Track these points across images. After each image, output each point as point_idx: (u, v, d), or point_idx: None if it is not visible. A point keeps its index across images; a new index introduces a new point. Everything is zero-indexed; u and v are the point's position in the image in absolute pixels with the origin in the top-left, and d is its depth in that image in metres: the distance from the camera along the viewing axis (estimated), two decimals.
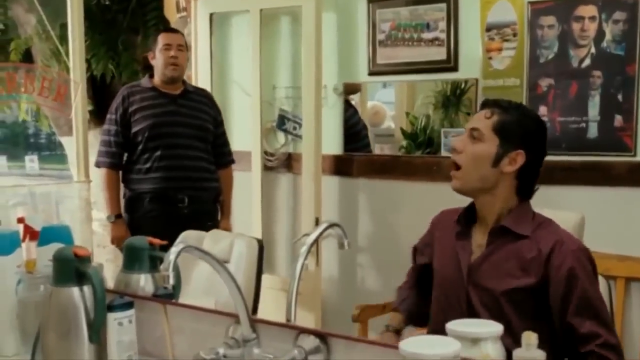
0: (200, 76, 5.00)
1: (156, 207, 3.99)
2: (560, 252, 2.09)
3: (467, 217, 2.30)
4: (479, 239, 2.25)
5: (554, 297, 2.09)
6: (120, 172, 4.12)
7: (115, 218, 4.07)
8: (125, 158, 4.12)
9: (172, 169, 4.01)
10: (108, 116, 4.15)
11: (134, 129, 4.04)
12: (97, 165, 4.13)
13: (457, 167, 2.26)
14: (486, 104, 2.27)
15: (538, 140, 2.24)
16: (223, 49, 5.00)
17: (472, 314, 2.15)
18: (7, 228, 2.24)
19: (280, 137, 4.69)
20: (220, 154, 4.26)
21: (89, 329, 1.83)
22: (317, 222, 4.08)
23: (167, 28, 4.52)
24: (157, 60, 4.12)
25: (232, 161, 4.35)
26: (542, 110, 3.75)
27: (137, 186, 4.04)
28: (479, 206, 2.26)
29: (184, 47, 4.17)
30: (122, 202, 4.12)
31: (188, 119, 4.10)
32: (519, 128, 2.19)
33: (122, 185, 4.14)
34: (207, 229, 3.05)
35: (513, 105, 2.25)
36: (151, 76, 4.20)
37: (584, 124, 3.68)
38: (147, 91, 4.13)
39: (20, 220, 2.28)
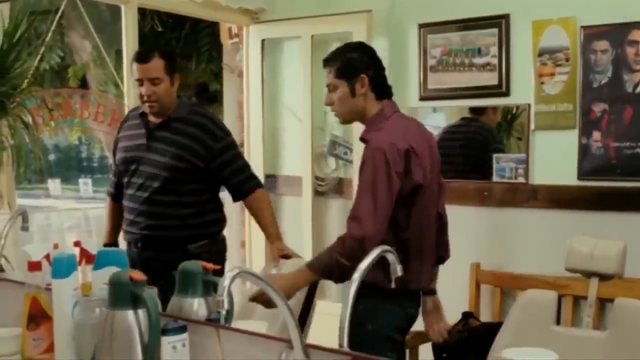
0: (251, 101, 5.04)
1: (128, 250, 3.47)
2: (365, 149, 2.83)
3: None
4: None
5: None
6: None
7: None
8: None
9: (132, 212, 3.46)
10: None
11: (115, 160, 3.61)
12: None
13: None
14: (324, 65, 3.02)
15: (364, 58, 2.95)
16: (274, 75, 5.04)
17: None
18: (63, 252, 2.27)
19: (331, 162, 4.71)
20: (236, 185, 3.50)
21: (144, 352, 1.84)
22: None
23: (139, 55, 3.47)
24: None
25: (257, 184, 3.55)
26: (596, 135, 3.72)
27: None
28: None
29: (163, 77, 3.38)
30: None
31: (158, 156, 3.40)
32: (349, 63, 2.93)
33: None
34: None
35: (337, 52, 3.01)
36: None
37: (639, 150, 3.63)
38: (137, 118, 3.52)
39: (77, 244, 2.31)
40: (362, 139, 2.93)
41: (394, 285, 2.12)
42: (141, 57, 3.41)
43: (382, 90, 2.97)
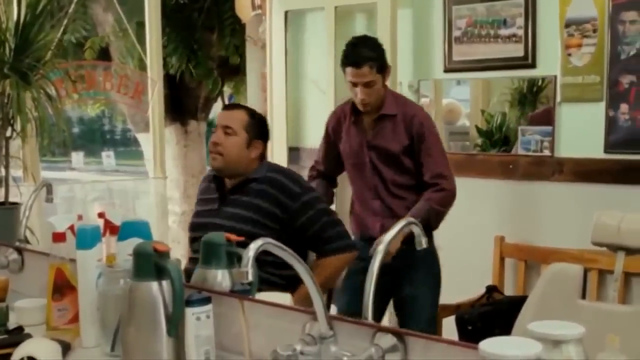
0: (274, 73, 5.02)
1: None
2: (415, 122, 3.31)
3: (355, 110, 3.42)
4: (367, 123, 3.40)
5: (417, 149, 3.32)
6: None
7: None
8: None
9: None
10: None
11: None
12: None
13: None
14: (363, 62, 3.29)
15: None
16: (298, 46, 5.01)
17: (375, 170, 3.39)
18: (88, 223, 2.27)
19: None
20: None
21: (168, 323, 1.84)
22: None
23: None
24: None
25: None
26: (624, 108, 3.67)
27: None
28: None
29: (238, 127, 2.93)
30: None
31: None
32: (384, 57, 3.37)
33: None
34: None
35: (373, 48, 3.35)
36: None
37: None
38: None
39: (101, 215, 2.32)
40: (387, 115, 3.35)
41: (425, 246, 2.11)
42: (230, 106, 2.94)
43: None
